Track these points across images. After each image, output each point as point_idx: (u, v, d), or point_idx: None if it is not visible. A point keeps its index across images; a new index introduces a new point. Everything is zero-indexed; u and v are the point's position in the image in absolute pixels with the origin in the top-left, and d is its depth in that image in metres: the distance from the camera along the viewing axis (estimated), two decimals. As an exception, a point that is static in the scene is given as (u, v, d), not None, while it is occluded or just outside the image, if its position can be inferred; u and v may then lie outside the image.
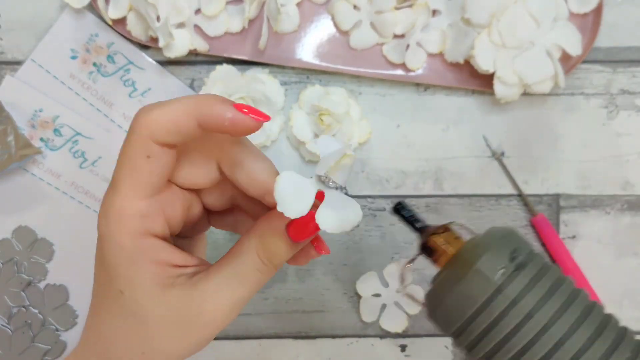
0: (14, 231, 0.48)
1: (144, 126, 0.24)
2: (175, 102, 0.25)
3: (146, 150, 0.24)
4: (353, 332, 0.49)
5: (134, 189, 0.25)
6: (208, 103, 0.24)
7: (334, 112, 0.45)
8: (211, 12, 0.46)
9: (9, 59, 0.48)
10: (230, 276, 0.26)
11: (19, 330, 0.47)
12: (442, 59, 0.48)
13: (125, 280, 0.25)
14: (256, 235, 0.26)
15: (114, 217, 0.24)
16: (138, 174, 0.24)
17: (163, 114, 0.24)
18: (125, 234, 0.25)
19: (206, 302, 0.25)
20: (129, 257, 0.25)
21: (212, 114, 0.24)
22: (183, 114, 0.24)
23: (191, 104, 0.24)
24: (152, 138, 0.24)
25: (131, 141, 0.24)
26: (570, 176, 0.49)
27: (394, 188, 0.49)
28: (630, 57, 0.49)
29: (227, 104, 0.24)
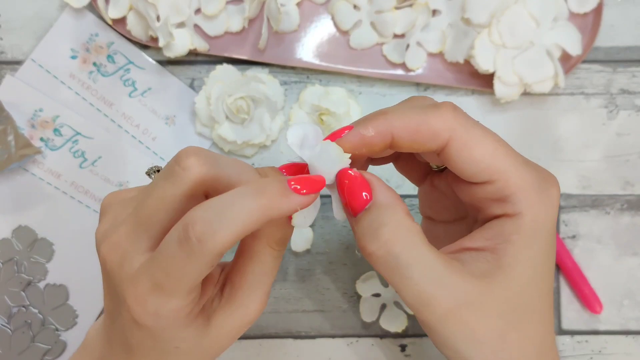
0: (14, 231, 0.48)
1: (213, 248, 0.23)
2: (239, 214, 0.23)
3: (211, 265, 0.24)
4: (353, 332, 0.49)
5: (190, 291, 0.25)
6: (277, 205, 0.24)
7: (334, 112, 0.45)
8: (211, 11, 0.46)
9: (9, 59, 0.48)
10: (256, 276, 0.28)
11: (19, 330, 0.47)
12: (442, 58, 0.48)
13: (180, 341, 0.26)
14: (264, 235, 0.27)
15: (169, 318, 0.25)
16: (194, 282, 0.24)
17: (232, 233, 0.23)
18: (182, 325, 0.26)
19: (244, 306, 0.28)
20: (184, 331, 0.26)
21: (283, 213, 0.24)
22: (252, 225, 0.24)
23: (259, 211, 0.23)
24: (219, 255, 0.24)
25: (198, 261, 0.23)
26: (570, 176, 0.49)
27: (394, 188, 0.49)
28: (630, 57, 0.49)
29: (289, 195, 0.24)
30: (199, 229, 0.23)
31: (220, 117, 0.46)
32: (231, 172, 0.25)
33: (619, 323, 0.48)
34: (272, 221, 0.26)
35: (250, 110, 0.46)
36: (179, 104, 0.48)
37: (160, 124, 0.48)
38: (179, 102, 0.48)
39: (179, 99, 0.48)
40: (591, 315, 0.48)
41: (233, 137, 0.46)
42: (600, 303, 0.47)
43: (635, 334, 0.49)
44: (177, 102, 0.48)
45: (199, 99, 0.46)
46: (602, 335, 0.48)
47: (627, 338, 0.49)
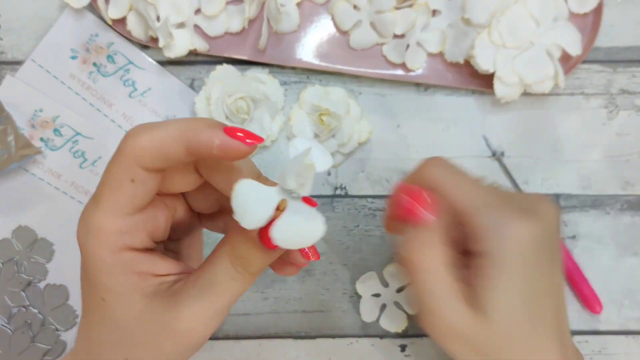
0: (14, 231, 0.48)
1: (130, 150, 0.24)
2: (163, 127, 0.24)
3: (131, 174, 0.24)
4: (353, 332, 0.49)
5: (115, 207, 0.24)
6: (196, 129, 0.24)
7: (334, 112, 0.45)
8: (211, 12, 0.46)
9: (9, 59, 0.48)
10: (206, 286, 0.25)
11: (19, 330, 0.47)
12: (442, 59, 0.48)
13: (105, 289, 0.25)
14: (228, 243, 0.25)
15: (93, 231, 0.25)
16: (120, 194, 0.24)
17: (150, 140, 0.24)
18: (104, 248, 0.25)
19: (183, 310, 0.24)
20: (108, 269, 0.25)
21: (200, 142, 0.23)
22: (171, 140, 0.24)
23: (179, 129, 0.24)
24: (138, 163, 0.24)
25: (117, 162, 0.24)
26: (570, 176, 0.49)
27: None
28: (630, 57, 0.49)
29: (216, 128, 0.24)
30: (128, 132, 0.24)
31: (220, 117, 0.46)
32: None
33: (619, 323, 0.48)
34: (240, 231, 0.24)
35: (250, 110, 0.46)
36: (179, 104, 0.48)
37: (160, 124, 0.48)
38: (179, 102, 0.48)
39: (179, 99, 0.48)
40: (591, 315, 0.48)
41: (233, 137, 0.46)
42: (600, 303, 0.47)
43: (635, 334, 0.49)
44: (177, 102, 0.48)
45: (199, 99, 0.46)
46: (602, 335, 0.48)
47: (627, 338, 0.49)
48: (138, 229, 0.25)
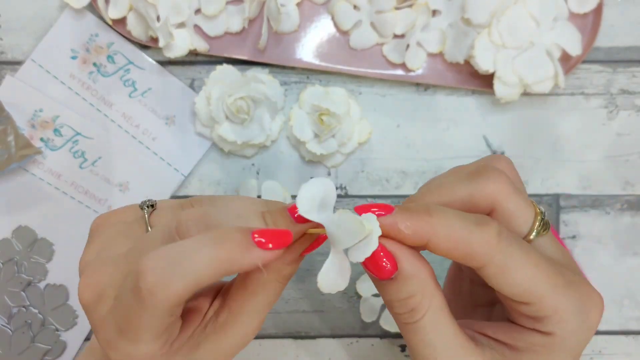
0: (14, 231, 0.48)
1: (165, 300, 0.22)
2: (195, 265, 0.22)
3: (169, 315, 0.23)
4: (353, 332, 0.49)
5: (157, 337, 0.24)
6: (236, 258, 0.22)
7: (334, 112, 0.45)
8: (211, 12, 0.46)
9: (9, 59, 0.48)
10: (257, 306, 0.27)
11: (19, 330, 0.47)
12: (442, 59, 0.48)
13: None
14: (273, 271, 0.27)
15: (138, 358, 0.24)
16: (160, 328, 0.24)
17: (185, 285, 0.22)
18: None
19: (240, 335, 0.27)
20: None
21: (243, 268, 0.23)
22: (208, 278, 0.22)
23: (216, 263, 0.22)
24: (175, 306, 0.23)
25: (151, 312, 0.22)
26: (570, 176, 0.49)
27: (394, 188, 0.49)
28: (630, 57, 0.49)
29: (252, 249, 0.23)
30: (150, 280, 0.21)
31: (220, 117, 0.46)
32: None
33: (619, 323, 0.48)
34: (284, 258, 0.26)
35: (250, 110, 0.46)
36: (179, 104, 0.48)
37: (160, 124, 0.48)
38: (179, 102, 0.48)
39: (179, 99, 0.48)
40: (591, 315, 0.48)
41: (233, 137, 0.46)
42: (600, 303, 0.47)
43: (635, 334, 0.49)
44: (177, 103, 0.48)
45: (199, 99, 0.46)
46: (602, 335, 0.48)
47: (627, 338, 0.49)
48: (176, 327, 0.26)
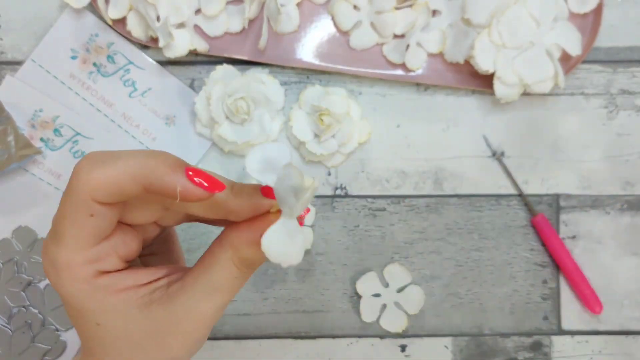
0: (14, 231, 0.48)
1: (85, 186, 0.23)
2: (119, 163, 0.23)
3: (89, 210, 0.23)
4: (353, 332, 0.49)
5: (78, 241, 0.24)
6: (157, 170, 0.23)
7: (334, 112, 0.45)
8: (211, 12, 0.46)
9: (9, 59, 0.48)
10: (209, 287, 0.25)
11: (19, 330, 0.47)
12: (442, 59, 0.48)
13: (97, 314, 0.25)
14: (231, 247, 0.25)
15: (62, 268, 0.24)
16: (81, 229, 0.24)
17: (104, 176, 0.23)
18: (79, 280, 0.24)
19: (186, 314, 0.25)
20: (91, 296, 0.24)
21: (162, 184, 0.23)
22: (128, 178, 0.23)
23: (138, 167, 0.23)
24: (94, 199, 0.23)
25: (72, 198, 0.23)
26: (570, 176, 0.49)
27: (394, 188, 0.49)
28: (630, 57, 0.49)
29: (178, 171, 0.23)
30: (80, 164, 0.23)
31: (220, 117, 0.46)
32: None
33: (619, 323, 0.48)
34: (241, 232, 0.25)
35: (250, 110, 0.46)
36: (179, 104, 0.48)
37: (160, 124, 0.48)
38: (179, 102, 0.48)
39: (179, 99, 0.48)
40: (591, 315, 0.48)
41: (233, 137, 0.46)
42: (600, 303, 0.47)
43: (635, 334, 0.49)
44: (177, 103, 0.48)
45: (199, 99, 0.46)
46: (602, 335, 0.48)
47: (627, 338, 0.49)
48: (108, 255, 0.25)
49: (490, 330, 0.49)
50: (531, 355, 0.49)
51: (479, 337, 0.49)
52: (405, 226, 0.49)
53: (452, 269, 0.49)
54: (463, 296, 0.49)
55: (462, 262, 0.49)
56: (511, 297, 0.49)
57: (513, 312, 0.49)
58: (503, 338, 0.49)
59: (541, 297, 0.49)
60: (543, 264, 0.49)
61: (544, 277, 0.49)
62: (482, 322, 0.49)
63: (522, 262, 0.49)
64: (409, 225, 0.49)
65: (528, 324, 0.49)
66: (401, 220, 0.49)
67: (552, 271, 0.49)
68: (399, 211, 0.49)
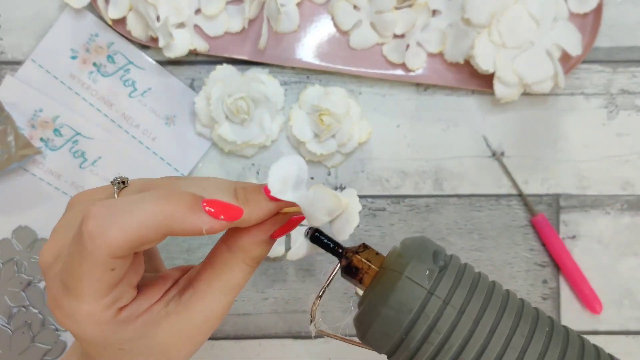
0: (14, 231, 0.48)
1: (104, 248, 0.22)
2: (134, 217, 0.22)
3: (109, 266, 0.22)
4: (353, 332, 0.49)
5: (99, 293, 0.23)
6: (177, 215, 0.22)
7: (334, 112, 0.45)
8: (211, 12, 0.46)
9: (9, 59, 0.48)
10: (225, 289, 0.27)
11: (19, 330, 0.47)
12: (442, 59, 0.48)
13: (122, 343, 0.25)
14: (241, 250, 0.26)
15: (83, 320, 0.24)
16: (101, 283, 0.23)
17: (124, 235, 0.22)
18: (102, 325, 0.24)
19: (205, 318, 0.26)
20: (115, 333, 0.25)
21: (185, 228, 0.23)
22: (148, 231, 0.22)
23: (156, 217, 0.22)
24: (114, 257, 0.22)
25: (89, 259, 0.22)
26: (570, 176, 0.49)
27: (394, 188, 0.49)
28: (630, 57, 0.49)
29: (198, 211, 0.23)
30: (92, 225, 0.21)
31: (220, 117, 0.46)
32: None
33: (619, 323, 0.48)
34: (253, 237, 0.26)
35: (250, 110, 0.46)
36: (179, 104, 0.48)
37: (160, 124, 0.48)
38: (179, 102, 0.48)
39: (179, 99, 0.48)
40: (591, 315, 0.48)
41: (233, 137, 0.46)
42: (600, 303, 0.47)
43: (635, 334, 0.49)
44: (177, 102, 0.48)
45: (199, 99, 0.46)
46: (602, 335, 0.48)
47: (627, 338, 0.49)
48: (125, 292, 0.25)
49: (490, 330, 0.49)
50: (531, 355, 0.49)
51: (479, 337, 0.49)
52: (405, 226, 0.49)
53: (452, 269, 0.49)
54: (463, 296, 0.49)
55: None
56: (511, 297, 0.49)
57: (513, 312, 0.49)
58: (503, 338, 0.49)
59: (541, 297, 0.49)
60: (543, 264, 0.49)
61: (544, 277, 0.49)
62: (482, 322, 0.49)
63: (522, 262, 0.49)
64: (409, 225, 0.49)
65: (528, 324, 0.49)
66: (401, 220, 0.49)
67: (552, 271, 0.49)
68: (398, 211, 0.49)
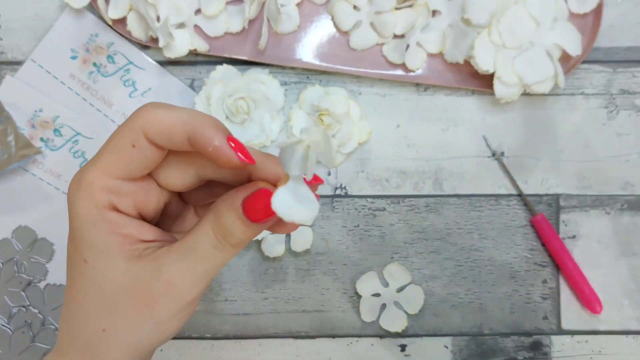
0: (14, 231, 0.48)
1: (139, 119, 0.25)
2: (176, 110, 0.25)
3: (133, 139, 0.25)
4: (353, 332, 0.49)
5: (110, 166, 0.25)
6: (203, 123, 0.25)
7: (334, 112, 0.45)
8: (211, 12, 0.46)
9: (9, 59, 0.48)
10: (187, 250, 0.25)
11: (19, 330, 0.47)
12: (442, 59, 0.48)
13: (88, 249, 0.25)
14: (212, 212, 0.25)
15: (83, 186, 0.25)
16: (117, 156, 0.25)
17: (161, 116, 0.25)
18: (90, 203, 0.25)
19: (163, 272, 0.25)
20: (94, 225, 0.25)
21: (202, 136, 0.25)
22: (179, 123, 0.25)
23: (189, 118, 0.25)
24: (143, 132, 0.25)
25: (123, 127, 0.25)
26: (570, 176, 0.49)
27: (394, 188, 0.49)
28: (630, 57, 0.49)
29: (220, 131, 0.25)
30: (142, 106, 0.25)
31: (221, 117, 0.46)
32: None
33: (619, 323, 0.48)
34: (225, 200, 0.25)
35: (250, 110, 0.46)
36: (179, 104, 0.48)
37: (160, 124, 0.48)
38: (179, 102, 0.48)
39: (179, 99, 0.48)
40: (591, 315, 0.48)
41: (233, 137, 0.46)
42: (600, 303, 0.47)
43: (635, 334, 0.49)
44: (177, 103, 0.48)
45: (199, 99, 0.46)
46: (602, 335, 0.48)
47: (627, 338, 0.49)
48: (127, 195, 0.26)
49: (490, 330, 0.49)
50: (531, 355, 0.49)
51: (478, 337, 0.49)
52: (405, 226, 0.49)
53: (451, 268, 0.49)
54: (463, 296, 0.49)
55: (462, 262, 0.49)
56: (511, 297, 0.49)
57: (513, 312, 0.49)
58: (503, 338, 0.49)
59: (541, 297, 0.49)
60: (543, 264, 0.49)
61: (544, 277, 0.49)
62: (482, 322, 0.49)
63: (522, 262, 0.49)
64: (408, 225, 0.49)
65: (528, 324, 0.49)
66: (401, 220, 0.49)
67: (552, 271, 0.49)
68: (398, 211, 0.49)
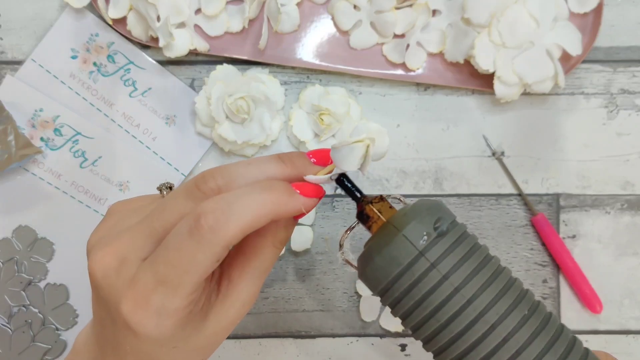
0: (14, 231, 0.48)
1: (224, 236, 0.24)
2: (250, 206, 0.24)
3: (219, 257, 0.24)
4: (353, 331, 0.49)
5: (195, 288, 0.24)
6: (283, 202, 0.25)
7: (334, 112, 0.45)
8: (211, 12, 0.46)
9: (9, 59, 0.48)
10: (255, 272, 0.28)
11: (19, 329, 0.47)
12: (442, 58, 0.48)
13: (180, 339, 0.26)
14: (270, 234, 0.28)
15: (170, 316, 0.24)
16: (203, 276, 0.24)
17: (241, 223, 0.24)
18: (179, 323, 0.25)
19: (241, 301, 0.28)
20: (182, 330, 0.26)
21: (289, 211, 0.25)
22: (261, 219, 0.24)
23: (268, 206, 0.24)
24: (228, 247, 0.24)
25: (208, 249, 0.24)
26: (570, 176, 0.49)
27: (394, 188, 0.49)
28: (630, 57, 0.49)
29: (295, 195, 0.26)
30: (212, 218, 0.23)
31: (221, 117, 0.46)
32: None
33: (619, 323, 0.48)
34: (278, 221, 0.27)
35: (250, 110, 0.46)
36: (179, 104, 0.48)
37: (161, 124, 0.48)
38: (179, 102, 0.48)
39: (179, 99, 0.48)
40: (591, 315, 0.48)
41: (233, 137, 0.46)
42: (600, 303, 0.47)
43: (635, 334, 0.49)
44: (177, 102, 0.48)
45: (199, 99, 0.46)
46: (602, 335, 0.48)
47: (627, 338, 0.49)
48: (204, 289, 0.27)
49: (490, 330, 0.49)
50: (531, 355, 0.49)
51: (478, 337, 0.49)
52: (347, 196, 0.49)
53: (452, 268, 0.49)
54: (463, 296, 0.49)
55: (462, 262, 0.49)
56: (511, 297, 0.49)
57: (513, 311, 0.49)
58: (503, 338, 0.49)
59: (541, 296, 0.49)
60: (543, 264, 0.49)
61: (544, 277, 0.49)
62: (482, 322, 0.49)
63: (522, 262, 0.49)
64: (409, 225, 0.49)
65: (528, 324, 0.49)
66: (401, 220, 0.49)
67: (552, 271, 0.49)
68: (399, 211, 0.49)
